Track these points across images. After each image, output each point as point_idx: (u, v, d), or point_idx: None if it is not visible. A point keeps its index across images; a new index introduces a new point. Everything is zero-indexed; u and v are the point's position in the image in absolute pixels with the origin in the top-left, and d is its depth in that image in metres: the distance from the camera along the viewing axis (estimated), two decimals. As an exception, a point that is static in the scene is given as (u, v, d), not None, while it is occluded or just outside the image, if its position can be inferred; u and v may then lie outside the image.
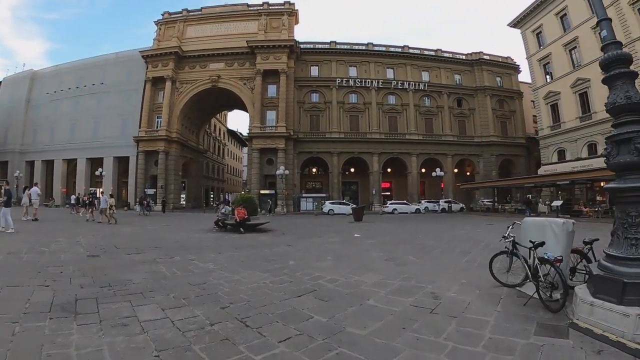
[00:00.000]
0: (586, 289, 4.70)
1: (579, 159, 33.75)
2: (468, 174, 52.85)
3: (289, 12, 47.71)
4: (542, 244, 5.23)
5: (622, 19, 28.41)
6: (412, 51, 52.01)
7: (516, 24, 42.48)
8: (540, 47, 39.51)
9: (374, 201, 46.31)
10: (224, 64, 47.17)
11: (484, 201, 44.35)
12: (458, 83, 52.21)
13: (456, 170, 50.94)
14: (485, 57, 52.72)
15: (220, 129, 74.30)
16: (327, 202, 41.23)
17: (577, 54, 34.55)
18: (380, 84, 49.18)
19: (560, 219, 5.73)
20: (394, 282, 6.60)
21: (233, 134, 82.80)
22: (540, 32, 39.35)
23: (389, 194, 51.61)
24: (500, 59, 54.51)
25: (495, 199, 41.61)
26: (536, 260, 5.17)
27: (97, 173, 43.82)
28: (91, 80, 50.69)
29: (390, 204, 42.67)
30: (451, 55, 52.91)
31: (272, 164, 43.68)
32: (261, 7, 48.14)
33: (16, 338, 3.74)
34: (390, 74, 50.41)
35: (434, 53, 52.52)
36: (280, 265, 8.32)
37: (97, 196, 24.90)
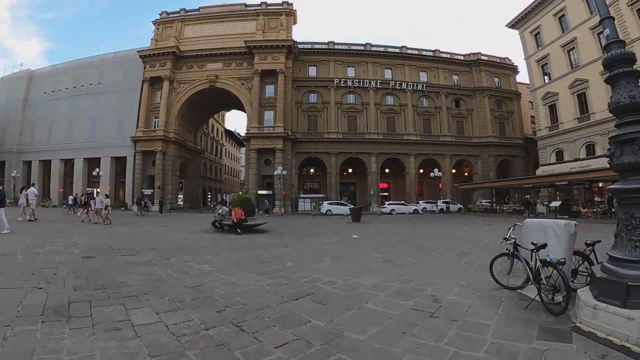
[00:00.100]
0: (589, 291, 4.65)
1: (577, 159, 33.85)
2: (466, 174, 52.97)
3: (287, 12, 47.67)
4: (544, 246, 5.15)
5: (620, 19, 28.39)
6: (410, 52, 52.07)
7: (514, 24, 42.57)
8: (538, 48, 39.60)
9: (372, 202, 46.29)
10: (221, 64, 47.10)
11: (482, 202, 44.40)
12: (456, 84, 52.26)
13: (454, 171, 50.94)
14: (483, 57, 52.81)
15: (218, 129, 74.23)
16: (325, 202, 41.10)
17: (575, 54, 34.63)
18: (379, 84, 49.17)
19: (563, 221, 5.66)
20: (393, 284, 6.51)
21: (231, 134, 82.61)
22: (538, 33, 39.43)
23: (387, 194, 51.73)
24: (498, 59, 54.63)
25: (493, 200, 41.61)
26: (538, 263, 5.09)
27: (95, 173, 43.63)
28: (88, 80, 50.58)
29: (388, 204, 42.62)
30: (449, 56, 52.97)
31: (269, 164, 43.60)
32: (259, 7, 48.09)
33: (7, 342, 3.66)
34: (388, 74, 50.40)
35: (432, 53, 52.58)
36: (278, 267, 8.23)
37: (94, 196, 24.66)
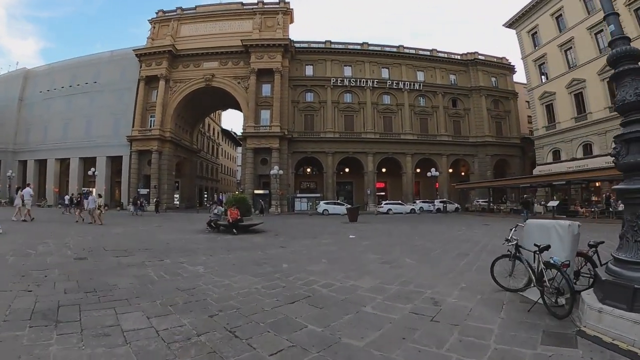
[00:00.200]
0: (593, 294, 4.54)
1: (574, 159, 33.90)
2: (463, 174, 52.97)
3: (283, 11, 47.57)
4: (548, 248, 5.01)
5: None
6: (407, 51, 52.02)
7: (512, 24, 42.58)
8: (535, 48, 39.63)
9: (368, 201, 46.24)
10: (218, 63, 46.94)
11: (479, 201, 44.40)
12: (453, 83, 52.28)
13: (451, 171, 50.98)
14: (480, 57, 52.83)
15: (214, 129, 74.04)
16: (321, 202, 41.07)
17: (572, 54, 34.65)
18: (375, 83, 49.08)
19: (566, 221, 5.52)
20: (392, 286, 6.36)
21: (227, 134, 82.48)
22: (535, 33, 39.45)
23: (383, 194, 51.67)
24: (495, 59, 54.67)
25: (490, 199, 41.58)
26: (541, 265, 4.96)
27: (90, 173, 43.55)
28: (84, 79, 50.24)
29: (385, 204, 42.62)
30: (446, 55, 52.97)
31: (266, 163, 43.43)
32: (256, 6, 47.96)
33: (-7, 348, 3.52)
34: (385, 73, 50.33)
35: (429, 53, 52.57)
36: (273, 268, 8.07)
37: (87, 196, 24.31)
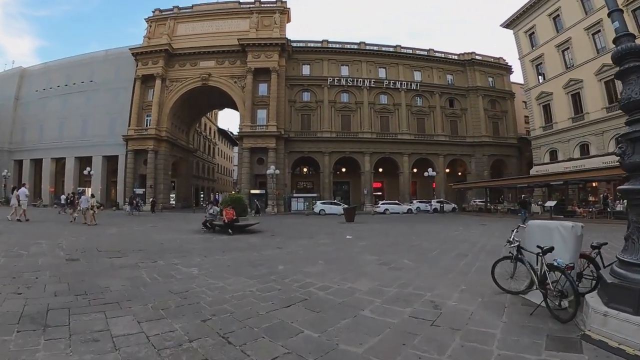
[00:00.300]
0: (598, 297, 4.41)
1: (571, 159, 33.91)
2: (460, 174, 52.95)
3: (280, 10, 47.42)
4: (551, 250, 4.87)
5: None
6: (404, 51, 51.95)
7: (509, 24, 42.57)
8: (532, 48, 39.64)
9: (365, 201, 46.12)
10: (214, 62, 46.73)
11: (476, 201, 44.38)
12: (450, 83, 52.26)
13: (448, 170, 50.98)
14: (477, 57, 52.85)
15: (210, 128, 73.74)
16: (318, 202, 40.98)
17: (569, 54, 34.68)
18: (372, 83, 49.00)
19: (569, 222, 5.40)
20: (390, 289, 6.21)
21: (224, 133, 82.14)
22: (533, 33, 39.46)
23: (380, 194, 51.53)
24: (492, 59, 54.69)
25: (487, 200, 41.54)
26: (545, 267, 4.82)
27: (86, 172, 43.31)
28: (80, 78, 49.92)
29: (382, 204, 42.57)
30: (443, 55, 52.96)
31: (262, 163, 43.26)
32: (253, 5, 47.81)
33: (-22, 355, 3.37)
34: (382, 73, 50.26)
35: (426, 53, 52.53)
36: (269, 270, 7.90)
37: (81, 196, 23.99)
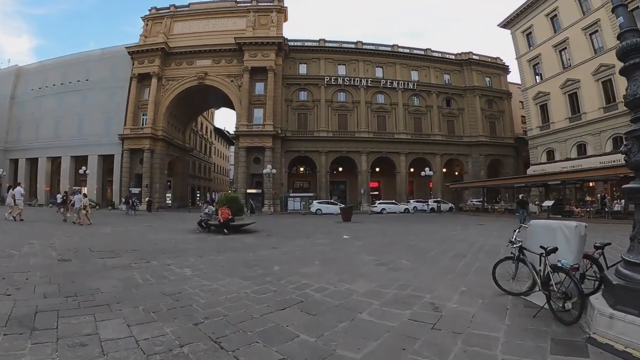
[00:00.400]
0: (603, 299, 4.28)
1: (568, 159, 33.92)
2: (457, 173, 52.97)
3: (277, 9, 47.25)
4: (555, 250, 4.73)
5: (613, 20, 28.42)
6: (401, 50, 51.88)
7: (506, 24, 42.58)
8: (530, 48, 39.65)
9: (362, 201, 46.02)
10: (211, 61, 46.49)
11: (473, 201, 44.38)
12: (447, 83, 52.22)
13: (445, 170, 50.92)
14: (474, 57, 52.86)
15: (207, 127, 73.49)
16: (314, 201, 40.86)
17: (567, 54, 34.70)
18: (369, 82, 48.89)
19: (572, 222, 5.25)
20: (388, 290, 6.04)
21: (220, 132, 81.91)
22: (530, 33, 39.47)
23: (377, 193, 51.51)
24: (490, 59, 54.72)
25: (484, 199, 41.50)
26: (548, 268, 4.68)
27: (81, 172, 43.08)
28: (76, 76, 49.55)
29: (379, 203, 42.46)
30: (440, 55, 52.95)
31: (259, 162, 43.06)
32: (249, 4, 47.60)
33: (-38, 359, 3.22)
34: (379, 72, 50.17)
35: (423, 52, 52.51)
36: (264, 271, 7.72)
37: (70, 195, 23.62)
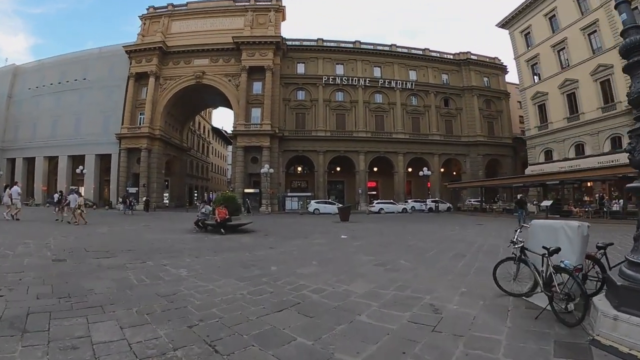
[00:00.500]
0: (606, 300, 4.18)
1: (566, 159, 33.93)
2: (455, 173, 52.96)
3: (275, 9, 47.18)
4: (558, 251, 4.64)
5: (611, 20, 28.57)
6: (399, 50, 51.83)
7: (504, 24, 42.58)
8: (528, 48, 39.66)
9: (360, 200, 45.97)
10: (208, 60, 46.41)
11: (471, 201, 44.39)
12: (445, 82, 52.21)
13: (443, 170, 50.94)
14: (472, 57, 52.85)
15: (204, 127, 73.34)
16: (312, 201, 40.87)
17: (565, 54, 34.71)
18: (368, 82, 48.83)
19: (575, 222, 5.16)
20: (387, 291, 5.93)
21: (218, 132, 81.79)
22: (528, 33, 39.48)
23: (375, 193, 51.46)
24: (488, 59, 54.74)
25: (482, 199, 41.48)
26: (550, 269, 4.58)
27: (79, 171, 42.95)
28: (73, 75, 49.43)
29: (377, 203, 42.43)
30: (439, 55, 52.94)
31: (256, 162, 42.96)
32: (247, 3, 47.55)
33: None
34: (377, 72, 50.12)
35: (421, 52, 52.50)
36: (261, 271, 7.60)
37: (66, 194, 23.44)
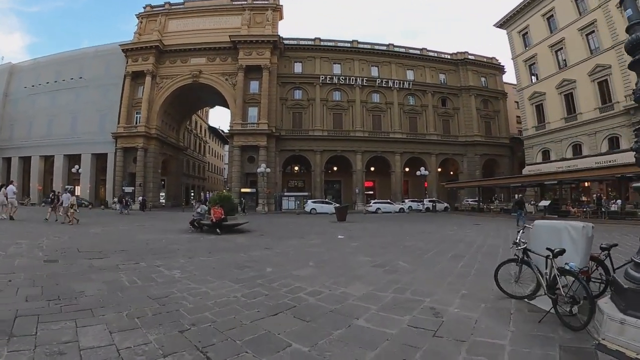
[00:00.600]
0: (612, 303, 4.05)
1: (564, 159, 33.93)
2: (452, 173, 52.94)
3: (273, 8, 47.00)
4: (563, 252, 4.50)
5: (609, 21, 28.65)
6: (397, 49, 51.69)
7: (502, 24, 42.61)
8: (526, 48, 39.69)
9: (357, 200, 45.84)
10: (205, 59, 46.19)
11: (468, 201, 44.35)
12: (443, 82, 52.16)
13: (440, 170, 50.92)
14: (470, 57, 52.83)
15: (201, 126, 73.09)
16: (309, 201, 40.76)
17: (563, 55, 34.74)
18: (365, 81, 48.70)
19: (579, 223, 5.02)
20: (386, 294, 5.77)
21: (214, 131, 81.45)
22: (526, 33, 39.51)
23: (372, 193, 51.32)
24: (485, 59, 54.74)
25: (479, 199, 41.42)
26: (555, 271, 4.44)
27: (74, 170, 42.70)
28: (70, 74, 49.02)
29: (374, 203, 42.29)
30: (436, 55, 52.90)
31: (253, 161, 42.81)
32: (245, 2, 47.40)
33: None
34: (374, 72, 50.01)
35: (419, 52, 52.43)
36: (256, 273, 7.42)
37: (57, 194, 23.20)
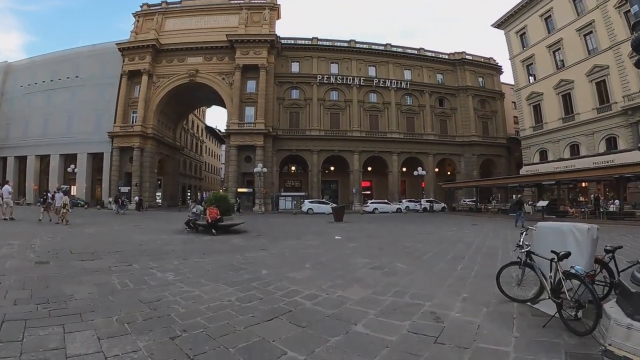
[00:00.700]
0: (618, 307, 3.90)
1: (561, 159, 33.95)
2: (449, 173, 53.01)
3: (270, 7, 46.90)
4: (568, 255, 4.36)
5: (607, 21, 28.67)
6: (394, 49, 51.69)
7: (500, 24, 42.67)
8: (523, 48, 39.72)
9: (354, 200, 45.80)
10: (202, 58, 46.05)
11: (465, 201, 44.29)
12: (440, 82, 52.18)
13: (437, 170, 50.92)
14: (467, 57, 52.88)
15: (198, 125, 72.86)
16: (306, 201, 40.67)
17: (561, 55, 34.76)
18: (362, 81, 48.69)
19: (584, 224, 4.87)
20: (385, 297, 5.61)
21: (211, 131, 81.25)
22: (524, 34, 39.54)
23: (369, 193, 51.38)
24: (483, 59, 54.80)
25: (477, 199, 41.39)
26: (560, 274, 4.30)
27: (70, 170, 42.50)
28: (66, 73, 48.92)
29: (371, 203, 42.29)
30: (434, 55, 52.91)
31: (250, 161, 42.68)
32: (242, 1, 47.31)
33: None
34: (372, 71, 49.97)
35: (416, 52, 52.42)
36: (251, 275, 7.25)
37: (52, 193, 23.00)
